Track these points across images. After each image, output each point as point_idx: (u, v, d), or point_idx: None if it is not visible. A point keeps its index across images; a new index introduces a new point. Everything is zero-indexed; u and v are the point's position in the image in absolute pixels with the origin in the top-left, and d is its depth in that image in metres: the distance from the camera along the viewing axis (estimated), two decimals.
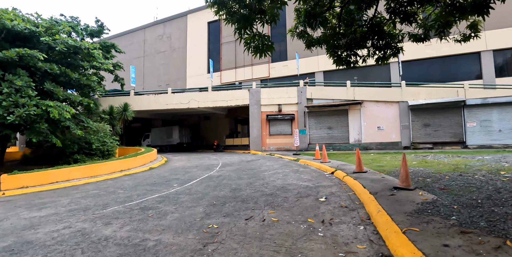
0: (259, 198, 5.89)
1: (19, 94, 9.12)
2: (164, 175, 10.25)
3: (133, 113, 18.01)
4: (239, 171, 10.31)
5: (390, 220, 3.74)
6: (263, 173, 9.51)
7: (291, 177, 8.37)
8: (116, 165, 11.32)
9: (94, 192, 7.67)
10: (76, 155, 12.15)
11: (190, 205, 5.54)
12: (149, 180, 9.14)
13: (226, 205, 5.43)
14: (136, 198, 6.55)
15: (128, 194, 7.11)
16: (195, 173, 10.21)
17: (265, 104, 18.73)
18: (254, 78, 26.21)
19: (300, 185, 7.11)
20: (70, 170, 9.70)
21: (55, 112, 9.46)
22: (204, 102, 19.39)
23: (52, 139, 10.14)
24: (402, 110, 16.33)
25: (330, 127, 17.73)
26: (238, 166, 11.80)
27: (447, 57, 20.31)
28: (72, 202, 6.55)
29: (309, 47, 7.77)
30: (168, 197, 6.42)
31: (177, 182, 8.46)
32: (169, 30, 31.83)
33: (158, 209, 5.35)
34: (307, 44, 7.78)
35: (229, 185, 7.50)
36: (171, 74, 31.12)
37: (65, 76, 11.39)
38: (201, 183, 8.15)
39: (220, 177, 9.07)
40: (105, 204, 6.09)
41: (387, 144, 16.54)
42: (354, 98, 17.21)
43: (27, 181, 8.71)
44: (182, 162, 14.60)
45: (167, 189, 7.43)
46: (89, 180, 9.69)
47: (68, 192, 7.96)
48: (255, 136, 18.62)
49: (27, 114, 8.96)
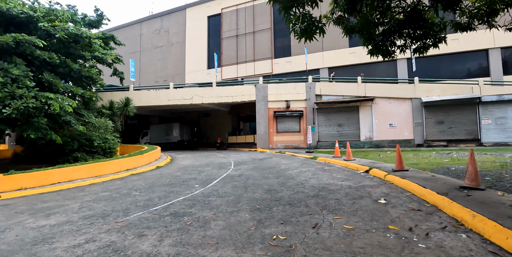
0: (306, 200, 5.16)
1: (16, 84, 8.08)
2: (176, 174, 9.39)
3: (135, 109, 16.97)
4: (258, 170, 9.55)
5: (501, 227, 3.09)
6: (287, 172, 8.78)
7: (322, 176, 7.67)
8: (122, 164, 10.38)
9: (105, 194, 6.78)
10: (76, 153, 11.12)
11: (230, 210, 4.76)
12: (163, 180, 8.28)
13: (274, 209, 4.68)
14: (158, 201, 5.71)
15: (146, 196, 6.25)
16: (210, 172, 9.39)
17: (273, 100, 17.99)
18: (256, 74, 25.42)
19: (341, 185, 6.42)
20: (73, 170, 8.72)
21: (56, 105, 8.46)
22: (209, 98, 18.48)
23: (52, 136, 9.12)
24: (415, 106, 15.88)
25: (340, 124, 17.15)
26: (253, 164, 11.03)
27: (455, 54, 20.02)
28: (84, 206, 5.65)
29: (348, 34, 7.08)
30: (196, 200, 5.61)
31: (197, 183, 7.64)
32: (166, 24, 30.65)
33: (194, 216, 4.54)
34: (346, 31, 7.06)
35: (259, 186, 6.74)
36: (169, 70, 29.99)
37: (65, 66, 10.34)
38: (224, 183, 7.36)
39: (242, 176, 8.29)
40: (124, 209, 5.23)
41: (399, 142, 16.05)
42: (365, 95, 16.67)
43: (25, 182, 7.72)
44: (188, 160, 13.72)
45: (190, 191, 6.60)
46: (94, 180, 8.74)
47: (74, 194, 7.03)
48: (262, 133, 17.87)
49: (25, 106, 7.93)
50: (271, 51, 25.28)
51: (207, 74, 27.67)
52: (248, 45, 26.19)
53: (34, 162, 14.63)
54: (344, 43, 22.98)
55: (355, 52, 22.55)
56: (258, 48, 25.82)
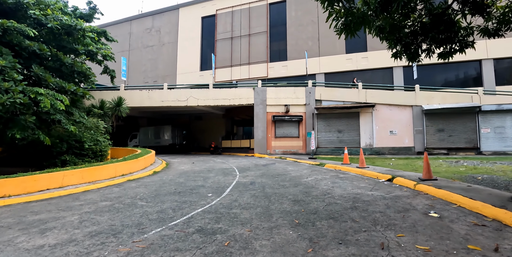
0: (347, 213, 4.61)
1: (1, 76, 7.07)
2: (179, 181, 8.59)
3: (128, 109, 15.89)
4: (268, 177, 8.91)
5: None
6: (302, 179, 8.21)
7: (344, 185, 7.16)
8: (117, 168, 9.43)
9: (106, 204, 5.91)
10: (65, 156, 10.01)
11: (267, 226, 4.11)
12: (167, 188, 7.47)
13: (318, 224, 4.09)
14: (174, 214, 4.96)
15: (156, 207, 5.48)
16: (217, 179, 8.65)
17: (271, 104, 17.49)
18: (251, 77, 24.93)
19: (372, 195, 5.93)
20: (64, 175, 7.73)
21: (47, 101, 7.49)
22: (205, 100, 17.71)
23: (40, 136, 8.09)
24: (416, 114, 15.88)
25: (340, 130, 16.87)
26: (259, 171, 10.38)
27: (450, 64, 20.41)
28: (84, 219, 4.81)
29: (379, 35, 6.73)
30: (219, 213, 4.91)
31: (208, 191, 6.91)
32: (158, 23, 29.66)
33: (227, 233, 3.86)
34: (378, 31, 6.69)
35: (282, 195, 6.13)
36: (159, 70, 28.90)
37: (56, 60, 9.33)
38: (240, 192, 6.68)
39: (255, 184, 7.63)
40: (137, 224, 4.45)
41: (399, 149, 15.96)
42: (366, 101, 16.52)
43: (9, 189, 6.69)
44: (186, 165, 12.86)
45: (205, 201, 5.88)
46: (88, 187, 7.79)
47: (68, 203, 6.11)
48: (259, 138, 17.27)
49: (11, 102, 6.92)
50: (266, 55, 24.91)
51: (199, 76, 26.86)
52: (243, 48, 25.71)
53: (13, 165, 13.24)
54: (341, 49, 23.00)
55: (352, 58, 22.60)
56: (253, 51, 25.39)
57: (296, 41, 24.17)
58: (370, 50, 22.23)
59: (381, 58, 21.74)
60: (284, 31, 24.78)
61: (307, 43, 23.82)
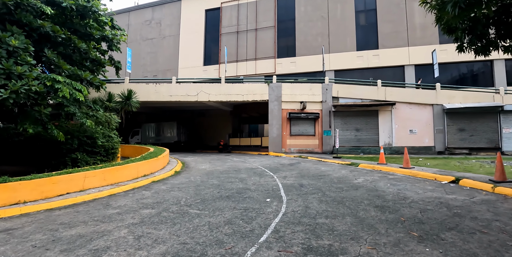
0: (461, 222, 3.93)
1: (13, 59, 5.92)
2: (214, 183, 7.67)
3: (138, 103, 14.69)
4: (310, 178, 8.13)
5: None
6: (352, 181, 7.49)
7: (409, 187, 6.48)
8: (139, 168, 8.41)
9: (149, 212, 4.96)
10: (76, 154, 8.85)
11: (386, 241, 3.35)
12: (207, 191, 6.56)
13: (443, 237, 3.40)
14: (249, 225, 4.12)
15: (218, 217, 4.60)
16: (256, 181, 7.79)
17: (287, 101, 16.71)
18: (258, 73, 24.05)
19: (456, 199, 5.28)
20: (85, 176, 6.66)
21: (66, 90, 6.39)
22: (216, 96, 16.70)
23: (53, 131, 6.96)
24: (436, 113, 15.49)
25: (358, 128, 16.29)
26: (292, 171, 9.56)
27: (461, 63, 20.27)
28: (139, 235, 3.87)
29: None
30: (306, 224, 4.11)
31: (260, 195, 6.06)
32: (158, 16, 28.24)
33: (350, 253, 3.05)
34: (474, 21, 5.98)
35: (354, 200, 5.38)
36: (160, 64, 27.53)
37: (68, 45, 8.17)
38: (300, 196, 5.87)
39: (306, 187, 6.83)
40: (215, 241, 3.57)
41: (419, 149, 15.54)
42: (385, 99, 16.00)
43: (24, 193, 5.60)
44: (204, 164, 11.88)
45: (270, 208, 5.05)
46: (112, 189, 6.75)
47: (101, 211, 5.11)
48: (274, 136, 16.46)
49: (26, 89, 5.81)
50: (274, 50, 24.07)
51: (203, 71, 25.72)
52: (250, 43, 24.77)
53: (7, 163, 11.87)
54: (351, 46, 22.47)
55: (363, 56, 22.11)
56: (260, 46, 24.49)
57: (305, 37, 23.45)
58: (381, 48, 21.80)
59: (393, 56, 21.38)
60: (293, 26, 24.00)
61: (316, 40, 23.15)
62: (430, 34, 20.99)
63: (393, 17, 21.85)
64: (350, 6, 22.76)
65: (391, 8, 22.03)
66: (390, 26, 21.86)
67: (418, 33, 21.28)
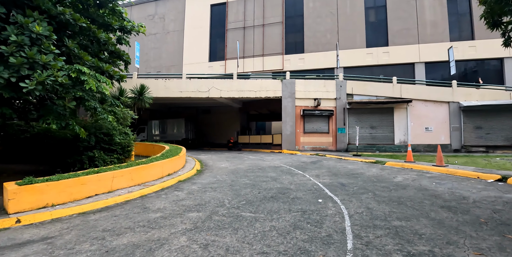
0: None
1: (36, 48, 5.38)
2: (246, 182, 7.25)
3: (151, 99, 14.11)
4: (344, 176, 7.78)
5: None
6: (391, 180, 7.16)
7: (457, 186, 6.16)
8: (164, 167, 7.94)
9: (197, 215, 4.53)
10: (94, 152, 8.30)
11: (494, 247, 2.96)
12: (246, 191, 6.15)
13: None
14: (322, 230, 3.76)
15: (279, 221, 4.24)
16: (290, 180, 7.40)
17: (300, 97, 16.31)
18: (265, 70, 23.59)
19: None
20: (114, 176, 6.17)
21: (92, 83, 5.87)
22: (228, 92, 16.20)
23: (74, 127, 6.43)
24: (453, 110, 15.29)
25: (373, 126, 16.00)
26: (320, 169, 9.18)
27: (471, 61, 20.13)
28: (203, 243, 3.47)
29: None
30: (386, 227, 3.71)
31: (308, 196, 5.68)
32: (162, 10, 27.48)
33: None
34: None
35: (413, 200, 5.05)
36: (163, 60, 26.84)
37: (87, 35, 7.62)
38: (351, 196, 5.51)
39: (348, 186, 6.47)
40: (300, 249, 3.21)
41: (435, 146, 15.30)
42: (401, 96, 15.73)
43: (51, 196, 5.09)
44: (223, 163, 11.41)
45: (329, 209, 4.71)
46: (142, 190, 6.28)
47: (142, 215, 4.65)
48: (288, 134, 16.07)
49: (52, 81, 5.28)
50: (282, 47, 23.61)
51: (208, 67, 25.13)
52: (257, 39, 24.26)
53: (13, 161, 11.31)
54: (361, 43, 22.15)
55: (372, 53, 21.82)
56: (267, 42, 24.01)
57: (314, 33, 23.04)
58: (391, 45, 21.52)
59: (403, 54, 21.13)
60: (301, 22, 23.56)
61: (325, 36, 22.77)
62: (440, 31, 20.80)
63: (403, 14, 21.58)
64: (360, 2, 22.41)
65: (401, 5, 21.75)
66: (400, 23, 21.59)
67: (428, 30, 21.06)
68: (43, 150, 10.40)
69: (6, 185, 4.94)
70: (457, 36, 20.77)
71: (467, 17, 21.11)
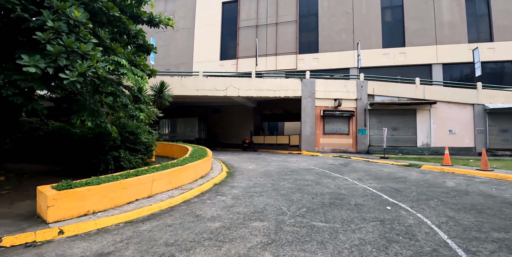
0: None
1: (74, 35, 4.87)
2: (289, 186, 6.77)
3: (171, 97, 13.58)
4: (388, 180, 7.32)
5: None
6: (444, 184, 6.69)
7: None
8: (197, 169, 7.45)
9: (261, 225, 4.06)
10: (120, 151, 7.78)
11: None
12: (295, 197, 5.71)
13: None
14: (427, 244, 3.27)
15: (366, 231, 3.81)
16: (336, 184, 6.93)
17: (320, 97, 15.86)
18: (278, 69, 23.12)
19: None
20: (153, 179, 5.66)
21: (131, 76, 5.37)
22: (246, 90, 15.71)
23: (107, 125, 5.92)
24: (477, 113, 14.89)
25: (395, 128, 15.57)
26: (356, 172, 8.71)
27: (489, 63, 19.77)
28: None
29: None
30: (498, 242, 3.25)
31: (368, 202, 5.23)
32: (172, 7, 26.98)
33: None
34: None
35: (491, 208, 4.55)
36: (172, 58, 26.32)
37: (118, 26, 7.11)
38: (425, 204, 5.07)
39: (406, 191, 6.00)
40: None
41: (459, 149, 14.92)
42: (424, 97, 15.31)
43: (93, 202, 4.57)
44: (249, 164, 10.92)
45: (412, 220, 4.21)
46: (183, 195, 5.77)
47: (198, 225, 4.17)
48: (308, 134, 15.59)
49: (93, 72, 4.77)
50: (295, 46, 23.16)
51: (219, 66, 24.64)
52: (270, 37, 23.79)
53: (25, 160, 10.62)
54: (377, 43, 21.74)
55: (389, 53, 21.42)
56: (280, 41, 23.55)
57: (328, 33, 22.61)
58: (408, 46, 21.12)
59: (420, 54, 20.73)
60: (315, 21, 23.13)
61: (340, 35, 22.34)
62: (459, 32, 20.43)
63: (421, 14, 21.19)
64: (376, 2, 22.01)
65: (418, 5, 21.37)
66: (417, 23, 21.20)
67: (446, 31, 20.68)
68: (58, 149, 9.80)
69: (42, 190, 4.39)
70: (476, 37, 20.40)
71: (486, 18, 20.76)
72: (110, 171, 6.96)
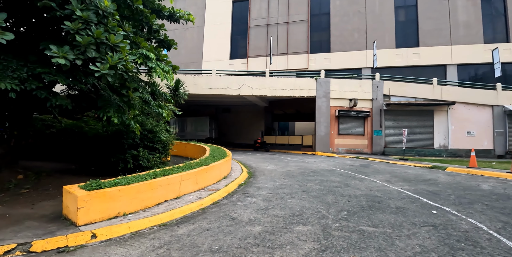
0: None
1: (103, 26, 4.66)
2: (317, 187, 6.56)
3: (186, 95, 13.39)
4: (418, 183, 7.06)
5: None
6: (480, 188, 6.39)
7: None
8: (221, 169, 7.24)
9: (306, 230, 3.87)
10: (139, 150, 7.56)
11: None
12: (329, 199, 5.50)
13: None
14: (498, 254, 2.98)
15: (423, 238, 3.60)
16: (365, 186, 6.68)
17: (335, 97, 15.58)
18: (289, 69, 22.86)
19: None
20: (181, 179, 5.44)
21: (160, 71, 5.17)
22: (260, 89, 15.47)
23: (130, 122, 5.71)
24: (497, 114, 14.53)
25: (411, 129, 15.24)
26: (380, 174, 8.44)
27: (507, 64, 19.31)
28: None
29: None
30: None
31: (408, 205, 4.99)
32: (181, 5, 26.77)
33: None
34: None
35: None
36: (181, 57, 26.13)
37: (140, 20, 6.90)
38: (472, 209, 4.82)
39: (444, 194, 5.74)
40: None
41: (477, 152, 14.50)
42: (441, 98, 14.98)
43: (123, 203, 4.35)
44: (267, 164, 10.69)
45: (466, 225, 3.98)
46: (212, 196, 5.56)
47: (238, 229, 3.98)
48: (322, 135, 15.32)
49: (123, 65, 4.55)
50: (307, 45, 22.89)
51: (229, 65, 24.43)
52: (281, 37, 23.55)
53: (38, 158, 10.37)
54: (390, 43, 21.40)
55: (402, 53, 21.07)
56: (291, 40, 23.29)
57: (341, 32, 22.31)
58: (422, 46, 20.76)
59: (434, 55, 20.36)
60: (327, 20, 22.85)
61: (352, 35, 22.04)
62: (474, 33, 20.04)
63: (435, 14, 20.83)
64: (389, 2, 21.68)
65: (432, 5, 21.01)
66: (431, 23, 20.84)
67: (461, 31, 20.30)
68: (72, 147, 9.60)
69: (70, 190, 4.14)
70: (491, 38, 20.00)
71: (502, 19, 20.36)
72: (126, 171, 6.75)
